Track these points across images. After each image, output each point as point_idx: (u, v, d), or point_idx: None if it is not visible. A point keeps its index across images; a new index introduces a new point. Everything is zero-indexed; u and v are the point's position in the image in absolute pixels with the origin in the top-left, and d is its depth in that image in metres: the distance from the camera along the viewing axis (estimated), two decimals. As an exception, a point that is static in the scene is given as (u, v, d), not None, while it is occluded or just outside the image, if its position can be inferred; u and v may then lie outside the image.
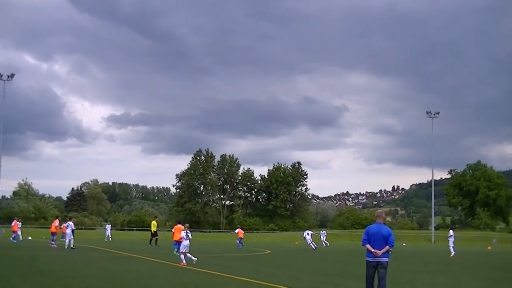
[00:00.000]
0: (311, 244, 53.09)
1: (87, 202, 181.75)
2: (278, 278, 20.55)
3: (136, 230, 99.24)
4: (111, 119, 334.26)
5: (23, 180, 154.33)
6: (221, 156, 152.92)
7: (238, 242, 51.34)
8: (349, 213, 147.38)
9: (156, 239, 48.97)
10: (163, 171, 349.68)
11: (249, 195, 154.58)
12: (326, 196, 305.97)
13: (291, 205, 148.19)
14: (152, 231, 49.76)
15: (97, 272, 21.45)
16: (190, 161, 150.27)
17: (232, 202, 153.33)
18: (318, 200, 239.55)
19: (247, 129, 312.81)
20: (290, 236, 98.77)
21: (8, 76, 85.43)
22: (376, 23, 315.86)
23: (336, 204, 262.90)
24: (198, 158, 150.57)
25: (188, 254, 27.60)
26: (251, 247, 53.40)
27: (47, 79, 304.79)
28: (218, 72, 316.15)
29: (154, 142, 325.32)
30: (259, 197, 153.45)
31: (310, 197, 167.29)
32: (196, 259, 27.35)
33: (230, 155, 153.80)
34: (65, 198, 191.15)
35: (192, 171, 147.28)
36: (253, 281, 19.32)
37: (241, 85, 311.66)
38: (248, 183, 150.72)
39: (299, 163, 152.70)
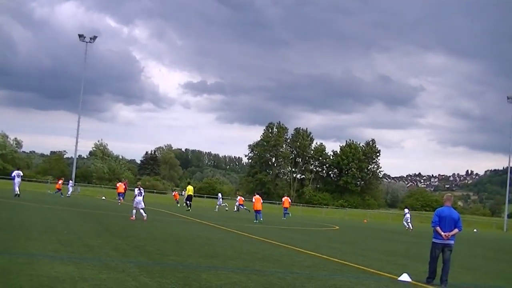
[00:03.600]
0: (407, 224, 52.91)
1: (159, 167, 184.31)
2: (343, 254, 20.64)
3: (207, 197, 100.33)
4: (188, 86, 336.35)
5: (98, 141, 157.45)
6: (295, 129, 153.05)
7: (241, 207, 51.51)
8: (420, 194, 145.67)
9: (190, 204, 50.39)
10: (236, 141, 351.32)
11: (320, 169, 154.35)
12: (398, 176, 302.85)
13: (361, 182, 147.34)
14: (187, 194, 51.35)
15: (167, 236, 21.90)
16: (263, 133, 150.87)
17: (303, 176, 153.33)
18: (389, 180, 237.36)
19: (321, 104, 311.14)
20: (359, 213, 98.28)
21: (91, 38, 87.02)
22: (457, 3, 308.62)
23: (407, 185, 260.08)
24: (270, 130, 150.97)
25: (141, 210, 30.24)
26: (319, 222, 53.46)
27: (127, 43, 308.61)
28: (295, 44, 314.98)
29: (229, 111, 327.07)
30: (330, 172, 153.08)
31: (381, 176, 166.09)
32: (146, 215, 29.94)
33: (303, 128, 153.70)
34: (138, 161, 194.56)
35: (265, 143, 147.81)
36: (319, 255, 19.43)
37: (318, 59, 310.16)
38: (320, 158, 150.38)
39: (373, 140, 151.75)
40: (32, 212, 29.15)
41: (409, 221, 53.30)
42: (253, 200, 42.41)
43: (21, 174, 46.32)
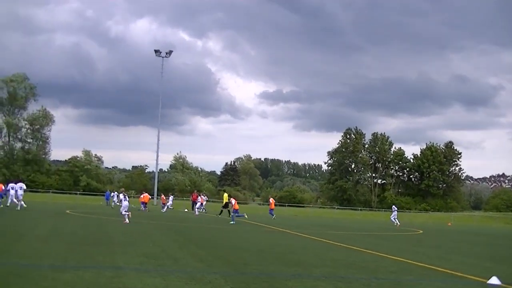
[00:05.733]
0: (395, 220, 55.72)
1: (240, 177, 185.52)
2: (428, 258, 20.33)
3: (288, 206, 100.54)
4: (264, 95, 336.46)
5: (178, 154, 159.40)
6: (373, 134, 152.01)
7: (234, 213, 51.98)
8: (505, 194, 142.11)
9: (222, 211, 51.19)
10: (314, 148, 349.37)
11: (401, 174, 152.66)
12: (481, 177, 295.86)
13: (443, 185, 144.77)
14: (224, 202, 52.15)
15: (248, 245, 21.99)
16: (340, 139, 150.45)
17: (384, 181, 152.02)
18: (472, 181, 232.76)
19: (398, 108, 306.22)
20: (443, 216, 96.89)
21: (167, 53, 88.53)
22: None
23: (491, 186, 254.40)
24: (348, 136, 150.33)
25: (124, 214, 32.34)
26: (403, 226, 52.88)
27: (201, 56, 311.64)
28: (367, 48, 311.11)
29: (305, 119, 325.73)
30: (411, 176, 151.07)
31: (463, 178, 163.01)
32: (129, 217, 32.04)
33: (381, 133, 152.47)
34: (218, 173, 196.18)
35: (343, 149, 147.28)
36: (404, 260, 19.21)
37: (391, 63, 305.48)
38: (400, 162, 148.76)
39: (451, 142, 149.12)
40: (116, 226, 29.68)
41: (396, 217, 56.01)
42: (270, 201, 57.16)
43: (24, 187, 45.04)
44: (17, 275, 11.49)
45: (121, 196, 34.73)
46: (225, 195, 53.25)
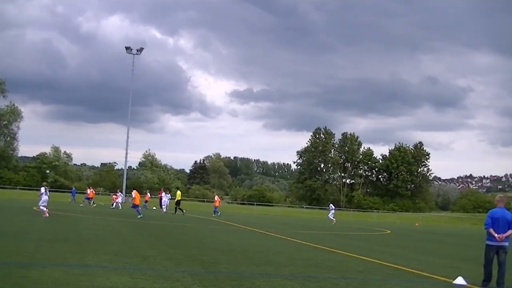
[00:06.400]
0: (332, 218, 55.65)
1: (209, 175, 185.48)
2: (396, 258, 20.53)
3: (257, 204, 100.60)
4: (234, 94, 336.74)
5: (147, 151, 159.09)
6: (342, 134, 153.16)
7: (214, 210, 53.69)
8: (472, 195, 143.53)
9: (177, 208, 53.02)
10: (284, 147, 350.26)
11: (369, 174, 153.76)
12: (449, 178, 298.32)
13: (412, 186, 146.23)
14: (176, 199, 54.43)
15: (220, 245, 21.99)
16: (310, 139, 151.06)
17: (353, 181, 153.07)
18: (440, 182, 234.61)
19: (368, 108, 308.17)
20: (411, 216, 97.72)
21: (137, 50, 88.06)
22: (502, 2, 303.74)
23: (459, 187, 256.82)
24: (317, 135, 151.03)
25: (42, 207, 33.27)
26: (371, 226, 53.21)
27: (173, 54, 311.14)
28: (340, 49, 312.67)
29: (276, 118, 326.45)
30: (379, 176, 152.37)
31: (431, 179, 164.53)
32: (47, 210, 32.75)
33: (351, 133, 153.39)
34: (188, 171, 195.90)
35: (313, 149, 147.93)
36: (372, 260, 19.36)
37: (363, 63, 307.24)
38: (369, 162, 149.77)
39: (421, 143, 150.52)
40: (85, 223, 29.53)
41: (333, 216, 56.06)
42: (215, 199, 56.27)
43: None
44: (-17, 272, 11.40)
45: (42, 189, 34.72)
46: (178, 192, 55.39)
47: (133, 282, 11.25)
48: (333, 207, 58.17)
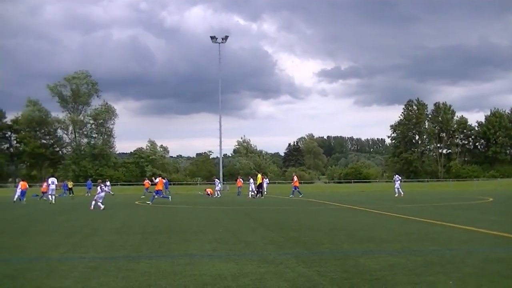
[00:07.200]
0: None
1: (304, 157, 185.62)
2: (501, 226, 20.01)
3: (354, 182, 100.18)
4: (322, 73, 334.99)
5: (241, 138, 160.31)
6: (435, 104, 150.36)
7: (295, 190, 51.75)
8: None
9: (259, 191, 53.18)
10: (377, 123, 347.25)
11: (466, 142, 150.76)
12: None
13: (511, 150, 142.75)
14: (258, 183, 53.95)
15: (319, 224, 21.97)
16: (403, 111, 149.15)
17: (450, 150, 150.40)
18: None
19: (460, 75, 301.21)
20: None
21: (223, 39, 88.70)
22: None
23: None
24: (410, 108, 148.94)
25: (99, 203, 33.50)
26: (472, 195, 52.13)
27: (257, 39, 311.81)
28: (425, 18, 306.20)
29: (366, 94, 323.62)
30: (476, 143, 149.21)
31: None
32: (103, 206, 33.23)
33: (443, 102, 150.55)
34: (282, 154, 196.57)
35: (406, 121, 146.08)
36: (476, 229, 18.96)
37: (450, 30, 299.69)
38: (464, 131, 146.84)
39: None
40: (186, 214, 30.05)
41: (399, 187, 54.75)
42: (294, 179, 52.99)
43: (56, 182, 46.46)
44: (93, 268, 11.72)
45: (98, 188, 35.72)
46: (259, 176, 54.66)
47: (238, 268, 11.39)
48: (399, 178, 57.27)
